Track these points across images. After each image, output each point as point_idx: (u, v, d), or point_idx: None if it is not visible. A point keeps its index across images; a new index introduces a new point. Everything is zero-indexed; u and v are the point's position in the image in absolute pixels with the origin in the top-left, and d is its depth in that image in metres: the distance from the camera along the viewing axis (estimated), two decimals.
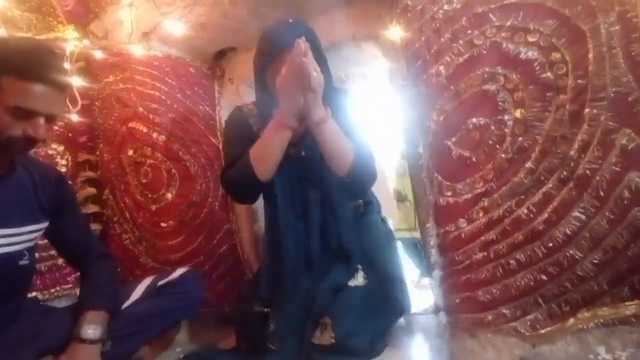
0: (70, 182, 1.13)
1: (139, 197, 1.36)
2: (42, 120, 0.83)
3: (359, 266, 1.13)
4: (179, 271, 1.16)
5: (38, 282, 1.31)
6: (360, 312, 1.03)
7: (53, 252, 1.34)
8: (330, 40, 1.35)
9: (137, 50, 1.36)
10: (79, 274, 1.35)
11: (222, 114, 1.56)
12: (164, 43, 1.42)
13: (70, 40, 1.43)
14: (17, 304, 0.96)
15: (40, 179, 0.97)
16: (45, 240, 1.08)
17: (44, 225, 0.98)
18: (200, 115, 1.46)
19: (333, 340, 0.98)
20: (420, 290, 1.63)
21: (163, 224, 1.33)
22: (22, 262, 0.93)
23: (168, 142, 1.36)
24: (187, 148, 1.39)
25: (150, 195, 1.34)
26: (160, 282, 1.11)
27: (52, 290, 1.36)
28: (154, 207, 1.34)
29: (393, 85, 1.13)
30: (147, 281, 1.12)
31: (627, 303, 0.76)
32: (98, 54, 1.44)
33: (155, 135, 1.35)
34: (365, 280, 1.11)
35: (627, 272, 0.75)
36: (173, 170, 1.35)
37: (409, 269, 1.86)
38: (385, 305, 1.05)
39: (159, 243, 1.33)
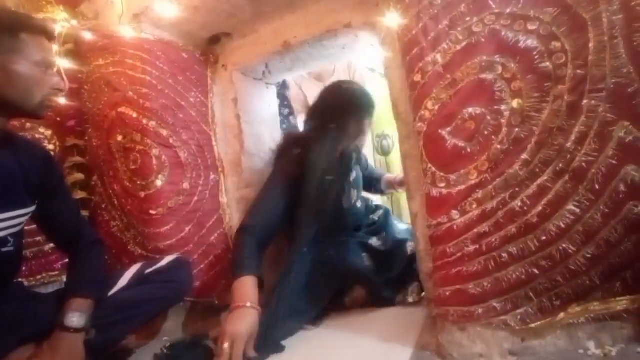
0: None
1: (128, 184, 1.33)
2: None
3: None
4: (168, 259, 1.16)
5: (24, 268, 1.28)
6: None
7: (39, 238, 1.31)
8: (326, 28, 1.32)
9: (128, 33, 1.32)
10: (66, 260, 1.34)
11: (215, 101, 1.53)
12: (156, 26, 1.38)
13: (59, 21, 1.39)
14: (1, 291, 0.93)
15: (28, 160, 0.93)
16: (32, 226, 1.05)
17: (31, 209, 0.95)
18: (192, 102, 1.43)
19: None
20: None
21: (152, 212, 1.30)
22: (5, 249, 0.90)
23: (158, 128, 1.32)
24: (177, 135, 1.36)
25: (139, 182, 1.31)
26: (149, 270, 1.10)
27: (38, 277, 1.34)
28: (143, 194, 1.31)
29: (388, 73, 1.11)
30: (134, 268, 1.11)
31: (618, 298, 0.75)
32: (87, 36, 1.39)
33: (145, 120, 1.32)
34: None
35: (620, 267, 0.74)
36: (163, 157, 1.32)
37: None
38: None
39: (148, 231, 1.31)
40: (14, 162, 0.91)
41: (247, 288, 1.06)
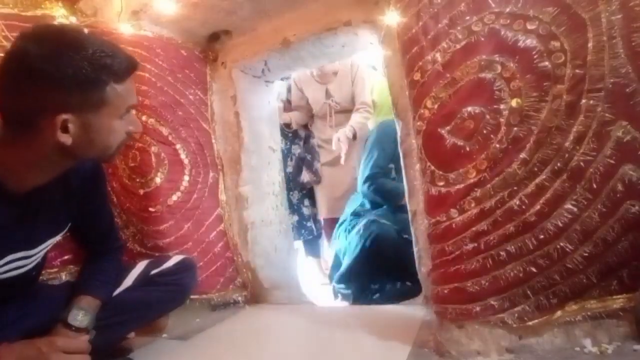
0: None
1: (127, 181, 1.33)
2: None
3: None
4: (174, 259, 1.13)
5: None
6: None
7: None
8: (326, 26, 1.31)
9: (127, 30, 1.32)
10: (65, 257, 1.33)
11: (214, 99, 1.53)
12: (155, 23, 1.37)
13: (57, 17, 1.38)
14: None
15: (76, 175, 0.87)
16: None
17: (65, 231, 0.93)
18: (191, 99, 1.43)
19: None
20: None
21: (151, 209, 1.30)
22: (34, 273, 0.90)
23: (157, 126, 1.32)
24: (176, 132, 1.36)
25: (138, 180, 1.31)
26: (154, 271, 1.08)
27: None
28: (142, 192, 1.31)
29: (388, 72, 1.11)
30: (140, 268, 1.09)
31: (615, 297, 0.76)
32: None
33: (144, 118, 1.31)
34: None
35: (617, 266, 0.75)
36: (162, 155, 1.32)
37: None
38: None
39: (147, 228, 1.31)
40: (62, 186, 0.84)
41: None
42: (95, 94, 0.70)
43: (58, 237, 0.91)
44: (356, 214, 1.77)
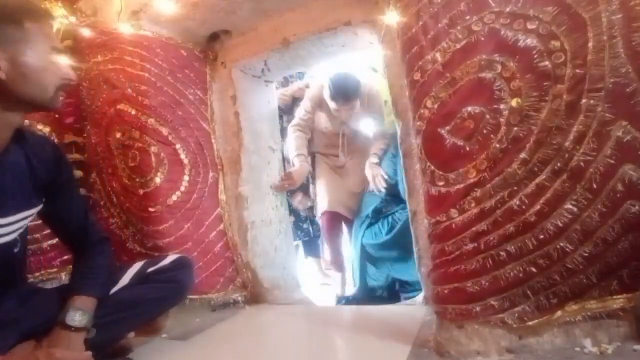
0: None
1: (127, 181, 1.33)
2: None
3: None
4: (170, 258, 1.13)
5: None
6: None
7: (37, 235, 1.31)
8: (326, 25, 1.31)
9: (127, 30, 1.32)
10: (65, 257, 1.33)
11: (214, 99, 1.53)
12: (155, 23, 1.37)
13: (57, 17, 1.38)
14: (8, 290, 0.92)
15: (38, 157, 0.90)
16: (31, 222, 1.05)
17: (37, 208, 0.93)
18: (190, 99, 1.43)
19: None
20: None
21: (151, 209, 1.30)
22: (15, 250, 0.89)
23: (157, 126, 1.32)
24: (176, 132, 1.36)
25: (138, 180, 1.31)
26: (151, 269, 1.08)
27: (37, 274, 1.34)
28: (141, 192, 1.31)
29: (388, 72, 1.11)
30: (136, 266, 1.09)
31: (615, 297, 0.76)
32: (86, 33, 1.39)
33: (144, 118, 1.32)
34: None
35: (617, 266, 0.75)
36: (162, 155, 1.32)
37: None
38: None
39: (147, 228, 1.31)
40: (24, 161, 0.88)
41: None
42: (16, 30, 0.78)
43: (29, 214, 0.91)
44: (378, 211, 1.81)
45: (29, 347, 0.86)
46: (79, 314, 0.88)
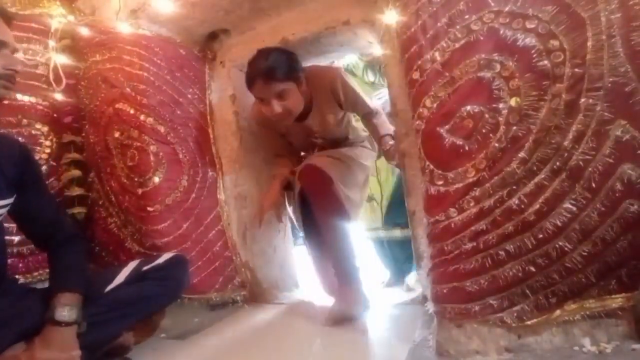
0: (35, 157, 1.07)
1: (125, 181, 1.33)
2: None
3: None
4: (165, 256, 1.14)
5: (20, 265, 1.28)
6: None
7: None
8: (325, 25, 1.31)
9: (125, 29, 1.31)
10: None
11: (213, 98, 1.52)
12: (153, 22, 1.37)
13: (55, 16, 1.38)
14: None
15: (3, 153, 0.91)
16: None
17: (9, 201, 0.92)
18: (189, 99, 1.43)
19: None
20: (390, 290, 1.67)
21: (149, 208, 1.30)
22: None
23: (156, 125, 1.32)
24: (175, 131, 1.36)
25: (136, 179, 1.31)
26: (146, 267, 1.08)
27: (35, 273, 1.33)
28: (140, 191, 1.31)
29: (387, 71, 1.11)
30: (132, 265, 1.09)
31: (613, 296, 0.76)
32: (84, 32, 1.39)
33: (142, 117, 1.31)
34: None
35: (615, 265, 0.75)
36: (160, 154, 1.32)
37: (378, 269, 1.87)
38: None
39: (145, 227, 1.31)
40: None
41: None
42: None
43: (2, 206, 0.90)
44: None
45: (19, 349, 0.85)
46: (67, 309, 0.88)
